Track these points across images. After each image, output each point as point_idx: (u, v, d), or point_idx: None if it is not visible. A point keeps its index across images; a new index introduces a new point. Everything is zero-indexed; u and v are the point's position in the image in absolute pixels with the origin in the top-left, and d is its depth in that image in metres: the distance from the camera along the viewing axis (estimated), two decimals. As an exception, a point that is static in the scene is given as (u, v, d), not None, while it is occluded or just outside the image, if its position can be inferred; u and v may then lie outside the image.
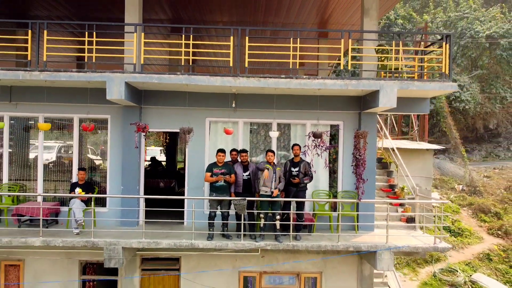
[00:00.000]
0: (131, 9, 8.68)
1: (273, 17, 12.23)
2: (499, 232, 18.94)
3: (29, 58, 8.04)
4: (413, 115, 23.35)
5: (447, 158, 28.95)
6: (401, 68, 8.99)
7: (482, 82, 33.34)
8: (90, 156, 10.66)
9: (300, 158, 8.57)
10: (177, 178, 12.52)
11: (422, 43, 14.55)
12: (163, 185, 11.90)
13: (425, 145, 19.72)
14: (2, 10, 11.44)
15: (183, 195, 9.59)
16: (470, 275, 14.85)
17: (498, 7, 34.37)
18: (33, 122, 9.57)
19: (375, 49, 9.10)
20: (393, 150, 13.35)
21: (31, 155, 9.79)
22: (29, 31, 7.98)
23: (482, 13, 33.23)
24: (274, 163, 8.24)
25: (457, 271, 14.81)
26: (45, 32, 8.01)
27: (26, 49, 8.42)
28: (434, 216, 9.17)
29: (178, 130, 8.51)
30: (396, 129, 25.00)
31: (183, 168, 13.65)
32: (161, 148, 25.27)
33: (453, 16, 33.22)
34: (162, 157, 21.06)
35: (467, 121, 35.91)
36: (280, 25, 12.68)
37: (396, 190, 11.11)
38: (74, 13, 11.44)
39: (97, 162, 10.15)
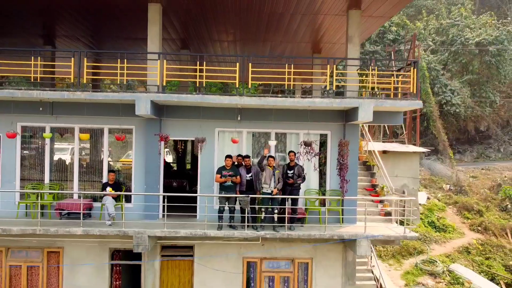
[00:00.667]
0: (153, 40, 10.59)
1: (273, 35, 14.15)
2: (479, 228, 20.89)
3: (72, 81, 9.94)
4: (407, 119, 25.33)
5: (437, 159, 30.79)
6: (378, 88, 10.87)
7: (473, 86, 35.23)
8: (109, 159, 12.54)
9: (295, 162, 10.48)
10: (187, 178, 14.42)
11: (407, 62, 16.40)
12: (176, 185, 13.79)
13: (412, 148, 21.66)
14: (31, 29, 13.37)
15: (194, 193, 11.49)
16: (448, 266, 16.76)
17: (488, 15, 36.23)
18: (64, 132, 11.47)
19: (357, 71, 10.97)
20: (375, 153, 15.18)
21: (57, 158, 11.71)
22: (72, 59, 9.88)
23: (472, 21, 35.14)
24: (274, 166, 10.15)
25: (437, 262, 16.72)
26: (85, 60, 9.91)
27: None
28: (404, 211, 11.06)
29: (193, 139, 10.41)
30: (388, 132, 26.98)
31: (191, 169, 15.53)
32: (167, 149, 27.17)
33: (445, 23, 35.13)
34: (169, 158, 22.95)
35: (459, 123, 37.81)
36: (278, 42, 14.61)
37: (377, 189, 13.00)
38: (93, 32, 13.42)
39: (115, 164, 12.03)
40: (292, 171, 10.29)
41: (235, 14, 11.77)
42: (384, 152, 20.09)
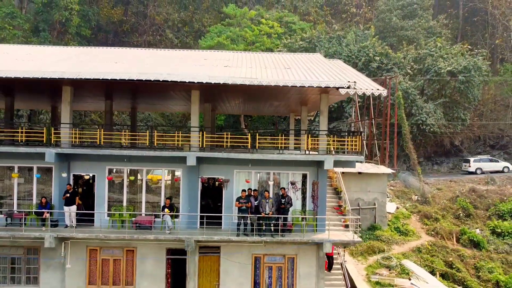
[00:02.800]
0: (195, 114, 17.33)
1: (272, 100, 20.91)
2: (433, 232, 27.72)
3: (147, 145, 16.70)
4: (381, 144, 32.16)
5: (411, 174, 37.52)
6: (338, 148, 17.58)
7: (446, 108, 41.99)
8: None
9: (286, 194, 17.22)
10: (212, 199, 21.10)
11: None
12: (204, 203, 20.47)
13: (382, 170, 28.48)
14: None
15: (217, 209, 18.17)
16: (401, 261, 23.54)
17: (460, 45, 42.97)
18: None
19: (326, 135, 17.68)
20: (342, 173, 21.91)
21: (130, 188, 18.44)
22: (147, 131, 16.62)
23: (446, 51, 41.84)
24: (269, 197, 16.89)
25: (392, 258, 23.52)
26: (155, 131, 16.66)
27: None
28: (358, 220, 17.82)
29: (222, 177, 17.18)
30: (367, 153, 33.82)
31: (215, 192, 22.17)
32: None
33: (422, 53, 41.85)
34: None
35: (436, 139, 44.74)
36: (275, 104, 21.38)
37: (341, 208, 19.78)
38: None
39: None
40: (284, 200, 17.06)
41: (244, 91, 18.52)
42: (359, 173, 26.90)
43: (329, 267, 19.93)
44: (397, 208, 30.81)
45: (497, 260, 25.50)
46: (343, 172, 24.50)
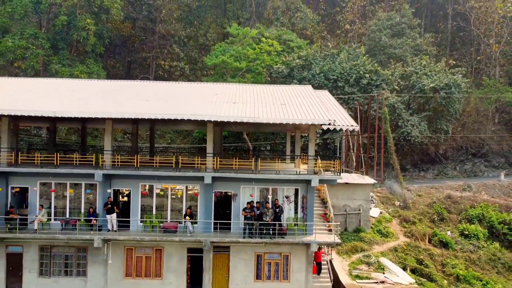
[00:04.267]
0: (209, 142, 22.62)
1: (271, 128, 26.17)
2: (409, 234, 33.04)
3: (173, 167, 21.99)
4: (367, 157, 37.50)
5: (396, 181, 42.82)
6: (322, 168, 22.84)
7: (430, 120, 47.28)
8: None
9: (279, 204, 22.53)
10: (223, 208, 26.36)
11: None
12: (216, 212, 25.73)
13: (366, 180, 33.79)
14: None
15: (227, 215, 23.42)
16: (378, 258, 28.85)
17: (443, 62, 48.27)
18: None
19: (314, 159, 22.96)
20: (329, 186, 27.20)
21: (159, 200, 23.73)
22: (174, 156, 21.90)
23: (430, 68, 47.12)
24: (269, 208, 22.21)
25: (371, 256, 28.83)
26: (180, 157, 21.96)
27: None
28: (338, 226, 23.12)
29: (231, 191, 22.49)
30: (355, 165, 39.15)
31: (225, 202, 27.36)
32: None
33: (408, 71, 47.14)
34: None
35: (422, 148, 50.12)
36: (274, 128, 26.61)
37: (327, 215, 25.10)
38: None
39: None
40: (278, 209, 22.37)
41: (249, 124, 23.76)
42: (346, 183, 32.22)
43: (318, 271, 24.93)
44: (381, 212, 36.12)
45: (461, 258, 30.86)
46: (332, 183, 29.86)
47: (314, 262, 23.79)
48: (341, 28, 58.11)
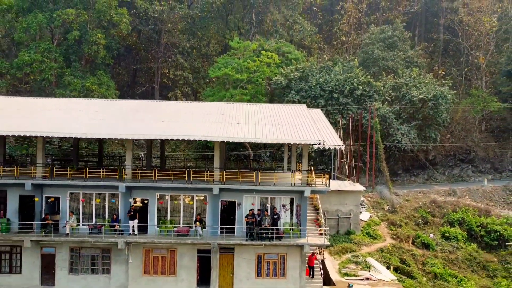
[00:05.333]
0: (216, 157, 26.78)
1: (270, 144, 30.27)
2: (395, 236, 37.23)
3: (186, 179, 26.15)
4: (358, 166, 41.71)
5: (386, 187, 46.96)
6: (314, 181, 26.97)
7: (419, 129, 51.42)
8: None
9: (276, 211, 26.68)
10: (228, 215, 30.43)
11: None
12: (222, 218, 29.83)
13: (356, 187, 37.95)
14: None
15: (231, 220, 27.55)
16: (365, 258, 33.01)
17: (432, 74, 52.43)
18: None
19: (307, 172, 27.10)
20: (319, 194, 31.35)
21: (171, 207, 27.86)
22: (186, 171, 26.03)
23: (419, 80, 51.26)
24: (268, 215, 26.36)
25: (359, 256, 33.00)
26: (192, 171, 26.11)
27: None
28: (328, 228, 27.27)
29: (235, 200, 26.65)
30: (347, 173, 43.32)
31: (230, 208, 31.49)
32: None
33: (398, 82, 51.28)
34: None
35: (413, 154, 54.26)
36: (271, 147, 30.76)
37: (318, 221, 29.25)
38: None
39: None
40: (276, 216, 26.53)
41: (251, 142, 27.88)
42: (338, 190, 36.40)
43: (311, 274, 28.90)
44: (370, 216, 40.32)
45: (441, 258, 35.08)
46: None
47: (308, 266, 27.88)
48: (337, 39, 62.18)
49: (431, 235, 38.14)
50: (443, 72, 54.51)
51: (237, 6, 62.65)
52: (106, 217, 27.37)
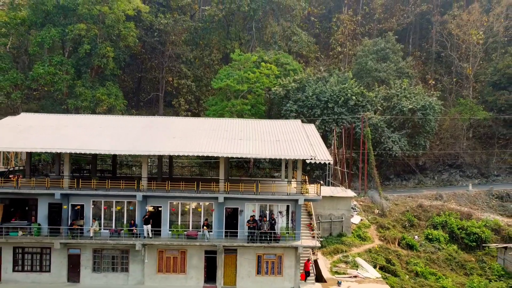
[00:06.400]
0: (221, 169, 31.14)
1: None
2: (383, 238, 41.61)
3: (195, 189, 30.54)
4: (349, 173, 46.12)
5: (376, 192, 51.35)
6: (307, 189, 31.30)
7: (409, 137, 55.79)
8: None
9: (274, 217, 31.05)
10: (231, 220, 34.75)
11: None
12: (226, 223, 34.16)
13: (348, 193, 42.37)
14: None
15: (234, 224, 31.90)
16: (355, 258, 37.37)
17: (421, 85, 56.76)
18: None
19: (300, 183, 31.45)
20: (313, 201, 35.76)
21: (182, 212, 32.24)
22: (195, 183, 30.40)
23: (409, 91, 55.59)
24: (266, 220, 30.73)
25: (349, 256, 37.36)
26: (200, 182, 30.49)
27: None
28: (320, 232, 31.67)
29: (238, 207, 31.03)
30: (340, 180, 47.69)
31: (233, 213, 35.82)
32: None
33: (390, 93, 55.61)
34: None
35: (404, 160, 58.63)
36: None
37: (311, 225, 33.61)
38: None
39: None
40: (273, 221, 30.90)
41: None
42: (331, 196, 40.80)
43: (306, 278, 33.26)
44: (361, 219, 44.71)
45: (423, 258, 39.49)
46: (317, 198, 38.33)
47: (303, 271, 32.18)
48: (333, 50, 66.50)
49: (416, 237, 42.52)
50: (433, 82, 58.77)
51: (237, 17, 66.84)
52: (125, 222, 31.72)
